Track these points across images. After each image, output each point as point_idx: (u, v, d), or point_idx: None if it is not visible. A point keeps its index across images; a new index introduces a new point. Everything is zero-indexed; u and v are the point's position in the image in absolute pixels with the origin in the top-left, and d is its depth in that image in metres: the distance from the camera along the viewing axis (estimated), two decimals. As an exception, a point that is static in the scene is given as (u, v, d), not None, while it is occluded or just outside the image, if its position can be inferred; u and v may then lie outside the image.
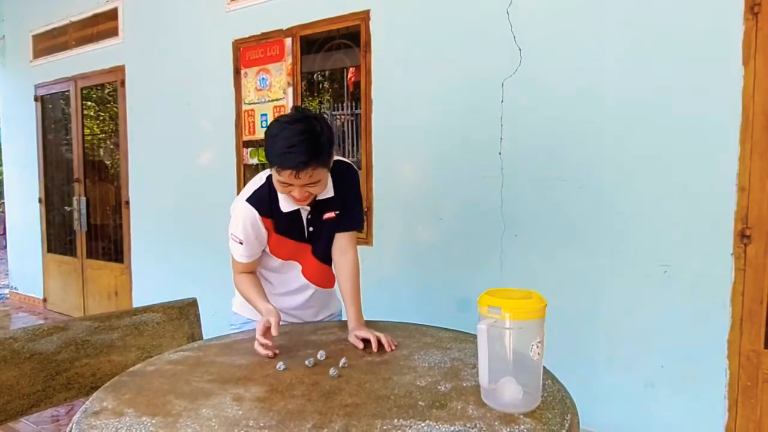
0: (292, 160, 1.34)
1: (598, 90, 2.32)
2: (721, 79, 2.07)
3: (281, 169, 1.37)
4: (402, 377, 1.25)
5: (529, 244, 2.53)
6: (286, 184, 1.41)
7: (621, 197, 2.30)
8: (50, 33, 5.00)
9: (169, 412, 1.06)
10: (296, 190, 1.41)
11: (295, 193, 1.42)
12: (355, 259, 1.64)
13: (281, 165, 1.36)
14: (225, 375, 1.27)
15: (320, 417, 1.04)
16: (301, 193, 1.42)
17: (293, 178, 1.37)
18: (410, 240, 2.93)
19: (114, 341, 1.81)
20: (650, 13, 2.20)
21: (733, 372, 2.11)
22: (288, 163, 1.35)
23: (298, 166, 1.35)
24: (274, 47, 3.35)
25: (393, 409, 1.08)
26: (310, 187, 1.43)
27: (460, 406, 1.09)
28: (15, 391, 1.57)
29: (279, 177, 1.40)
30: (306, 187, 1.41)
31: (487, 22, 2.57)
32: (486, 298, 1.08)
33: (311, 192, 1.44)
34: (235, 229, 1.53)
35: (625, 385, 2.33)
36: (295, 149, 1.33)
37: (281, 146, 1.35)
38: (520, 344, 1.07)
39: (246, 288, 1.55)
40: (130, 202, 4.47)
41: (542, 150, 2.47)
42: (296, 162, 1.34)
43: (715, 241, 2.11)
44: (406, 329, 1.65)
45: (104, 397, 1.14)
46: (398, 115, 2.92)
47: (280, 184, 1.42)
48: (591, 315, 2.40)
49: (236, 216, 1.53)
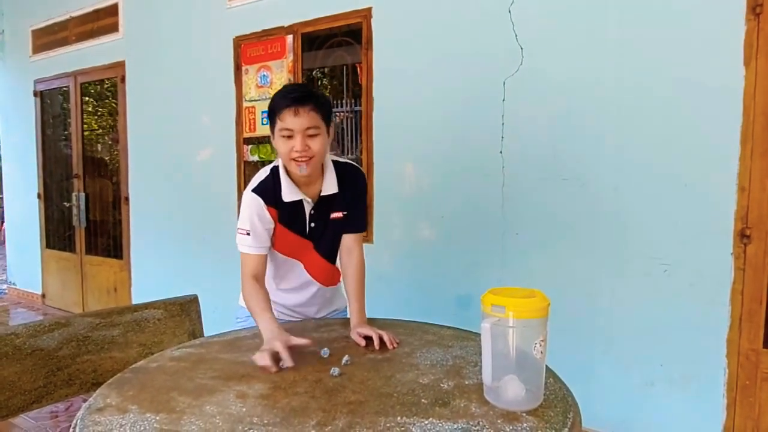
0: (289, 98, 1.42)
1: (599, 89, 2.33)
2: (722, 79, 2.08)
3: (281, 109, 1.42)
4: (404, 375, 1.25)
5: (529, 243, 2.54)
6: (287, 133, 1.44)
7: (621, 196, 2.30)
8: (50, 28, 4.99)
9: (173, 408, 1.07)
10: (298, 139, 1.43)
11: (297, 145, 1.43)
12: (360, 258, 1.66)
13: (281, 105, 1.42)
14: (228, 372, 1.27)
15: (324, 414, 1.04)
16: (302, 144, 1.43)
17: (293, 116, 1.41)
18: (411, 238, 2.93)
19: (115, 338, 1.81)
20: (651, 13, 2.20)
21: (732, 371, 2.12)
22: (286, 101, 1.42)
23: (296, 100, 1.41)
24: (275, 44, 3.35)
25: (396, 406, 1.08)
26: (310, 138, 1.44)
27: (462, 404, 1.09)
28: (16, 387, 1.57)
29: (281, 124, 1.43)
30: (307, 137, 1.44)
31: (488, 21, 2.57)
32: (489, 297, 1.08)
33: (311, 147, 1.45)
34: (242, 222, 1.53)
35: (625, 384, 2.34)
36: (294, 90, 1.45)
37: (281, 93, 1.46)
38: (523, 343, 1.07)
39: (253, 299, 1.49)
40: (130, 198, 4.47)
41: (543, 149, 2.47)
42: (295, 97, 1.41)
43: (715, 240, 2.12)
44: (408, 327, 1.65)
45: (108, 394, 1.15)
46: (399, 112, 2.92)
47: (281, 137, 1.45)
48: (591, 313, 2.41)
49: (243, 207, 1.54)
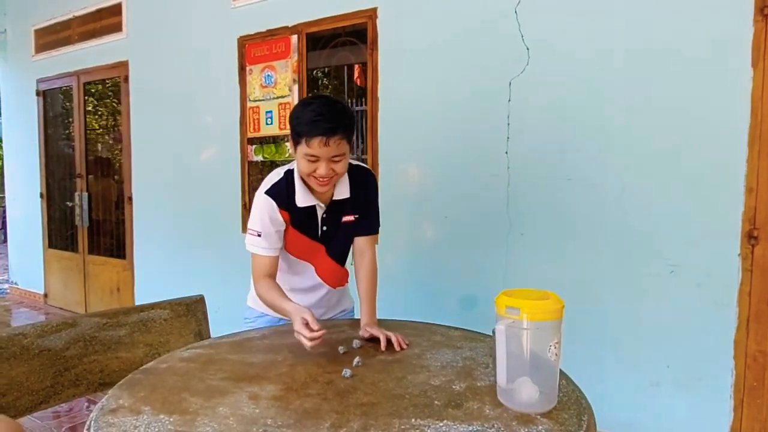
0: (321, 127, 1.38)
1: (606, 89, 2.32)
2: (729, 80, 2.08)
3: (310, 137, 1.39)
4: (415, 376, 1.25)
5: (534, 243, 2.54)
6: (312, 159, 1.42)
7: (628, 197, 2.30)
8: (53, 28, 4.98)
9: (186, 410, 1.06)
10: (322, 165, 1.42)
11: (321, 171, 1.42)
12: (373, 260, 1.67)
13: (310, 133, 1.39)
14: (238, 373, 1.27)
15: (337, 416, 1.04)
16: (326, 170, 1.42)
17: (322, 146, 1.39)
18: (415, 238, 2.93)
19: (122, 338, 1.80)
20: (659, 14, 2.20)
21: (739, 372, 2.12)
22: (317, 130, 1.38)
23: (327, 132, 1.38)
24: (279, 44, 3.34)
25: (409, 408, 1.08)
26: (334, 163, 1.44)
27: (476, 406, 1.09)
28: (24, 388, 1.56)
29: (307, 149, 1.41)
30: (332, 162, 1.43)
31: (495, 21, 2.57)
32: (504, 299, 1.08)
33: (335, 170, 1.45)
34: (253, 223, 1.53)
35: (631, 385, 2.34)
36: (324, 117, 1.38)
37: (309, 116, 1.39)
38: (538, 345, 1.07)
39: (269, 293, 1.52)
40: (133, 198, 4.46)
41: (549, 149, 2.47)
42: (325, 128, 1.38)
43: (722, 241, 2.12)
44: (416, 328, 1.65)
45: (120, 395, 1.14)
46: (404, 113, 2.91)
47: (306, 160, 1.43)
48: (597, 314, 2.40)
49: (254, 209, 1.54)
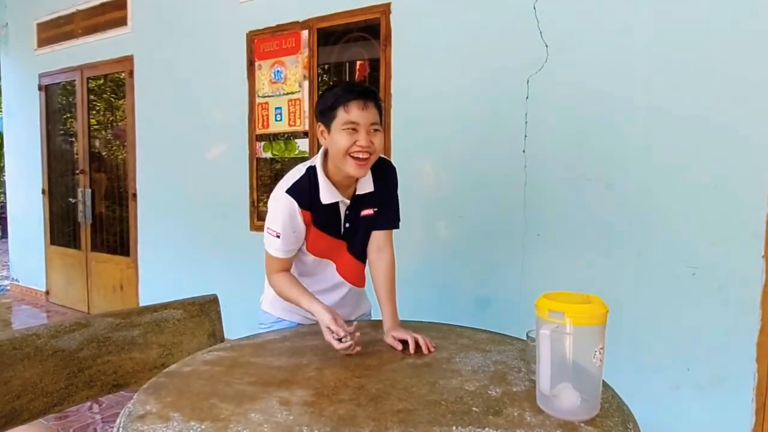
0: (356, 91, 1.40)
1: (627, 88, 2.28)
2: (755, 78, 2.03)
3: (347, 102, 1.38)
4: (448, 381, 1.21)
5: (551, 244, 2.50)
6: (352, 127, 1.39)
7: (648, 197, 2.26)
8: (55, 21, 4.92)
9: (217, 416, 1.02)
10: (362, 134, 1.40)
11: (362, 140, 1.39)
12: (391, 258, 1.61)
13: (347, 97, 1.39)
14: (265, 377, 1.23)
15: (375, 423, 1.00)
16: (366, 140, 1.40)
17: (361, 110, 1.39)
18: (429, 238, 2.89)
19: (135, 338, 1.76)
20: (683, 10, 2.15)
21: (762, 375, 2.09)
22: (354, 94, 1.39)
23: (363, 94, 1.39)
24: (289, 39, 3.29)
25: (447, 415, 1.04)
26: (373, 135, 1.42)
27: (516, 413, 1.05)
28: (38, 389, 1.53)
29: (346, 116, 1.39)
30: (370, 133, 1.41)
31: (513, 17, 2.53)
32: (546, 302, 1.04)
33: (374, 143, 1.42)
34: (273, 222, 1.47)
35: (651, 387, 2.30)
36: (356, 85, 1.45)
37: (341, 87, 1.42)
38: (581, 350, 1.04)
39: (287, 288, 1.49)
40: (138, 194, 4.41)
41: (567, 148, 2.43)
42: (360, 90, 1.40)
43: (745, 242, 2.08)
44: (440, 330, 1.61)
45: (146, 400, 1.10)
46: (418, 110, 2.87)
47: (345, 132, 1.40)
48: (616, 317, 2.35)
49: (274, 208, 1.47)
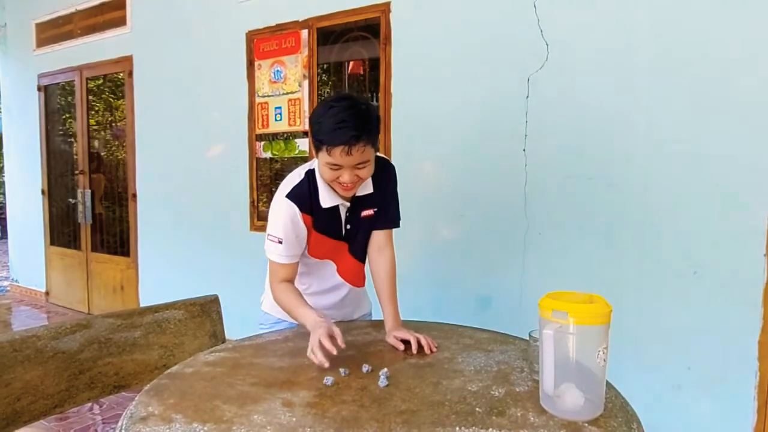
0: (343, 135, 1.30)
1: (628, 87, 2.28)
2: (756, 77, 2.03)
3: (332, 146, 1.32)
4: (451, 382, 1.21)
5: (552, 243, 2.50)
6: (335, 168, 1.36)
7: (650, 196, 2.26)
8: (54, 21, 4.91)
9: (220, 418, 1.02)
10: (346, 172, 1.36)
11: (345, 178, 1.37)
12: (392, 257, 1.61)
13: (332, 142, 1.32)
14: (268, 378, 1.23)
15: (378, 425, 1.00)
16: (350, 177, 1.37)
17: (344, 156, 1.32)
18: (430, 237, 2.88)
19: (136, 339, 1.76)
20: (686, 10, 2.15)
21: (764, 374, 2.09)
22: (339, 139, 1.31)
23: (349, 140, 1.30)
24: (289, 39, 3.29)
25: (451, 416, 1.04)
26: (359, 170, 1.38)
27: (519, 413, 1.05)
28: (39, 391, 1.52)
29: (329, 158, 1.35)
30: (356, 169, 1.37)
31: (513, 16, 2.52)
32: (549, 302, 1.04)
33: (360, 176, 1.39)
34: (274, 229, 1.46)
35: (652, 387, 2.30)
36: (345, 124, 1.30)
37: (330, 123, 1.32)
38: (585, 350, 1.03)
39: (287, 299, 1.47)
40: (138, 194, 4.40)
41: (568, 147, 2.42)
42: (348, 136, 1.30)
43: (746, 241, 2.08)
44: (442, 329, 1.61)
45: (148, 402, 1.10)
46: (418, 109, 2.87)
47: (328, 168, 1.37)
48: (617, 316, 2.34)
49: (275, 214, 1.46)
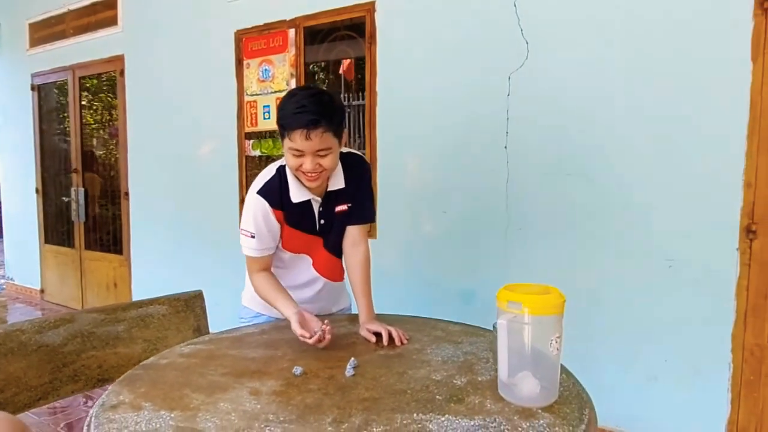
0: (302, 119, 1.33)
1: (606, 84, 2.32)
2: (729, 74, 2.07)
3: (291, 130, 1.36)
4: (417, 371, 1.25)
5: (533, 238, 2.54)
6: (297, 153, 1.39)
7: (627, 192, 2.30)
8: (47, 21, 4.94)
9: (187, 405, 1.06)
10: (308, 159, 1.38)
11: (307, 165, 1.39)
12: (366, 252, 1.64)
13: (291, 125, 1.35)
14: (239, 368, 1.27)
15: (339, 411, 1.04)
16: (312, 165, 1.39)
17: (304, 140, 1.35)
18: (414, 233, 2.93)
19: (120, 333, 1.80)
20: (658, 8, 2.19)
21: (737, 366, 2.13)
22: (299, 122, 1.34)
23: (308, 123, 1.33)
24: (277, 38, 3.32)
25: (411, 403, 1.08)
26: (320, 158, 1.39)
27: (477, 400, 1.09)
28: (23, 384, 1.56)
29: (290, 143, 1.38)
30: (317, 157, 1.39)
31: (494, 15, 2.56)
32: (505, 294, 1.08)
33: (322, 165, 1.41)
34: (246, 224, 1.50)
35: (629, 379, 2.35)
36: (305, 108, 1.34)
37: (291, 108, 1.36)
38: (539, 339, 1.07)
39: (265, 289, 1.50)
40: (130, 193, 4.44)
41: (548, 144, 2.46)
42: (307, 120, 1.33)
43: (720, 236, 2.12)
44: (416, 323, 1.65)
45: (120, 391, 1.14)
46: (402, 107, 2.90)
47: (291, 155, 1.40)
48: (595, 309, 2.41)
49: (247, 210, 1.50)
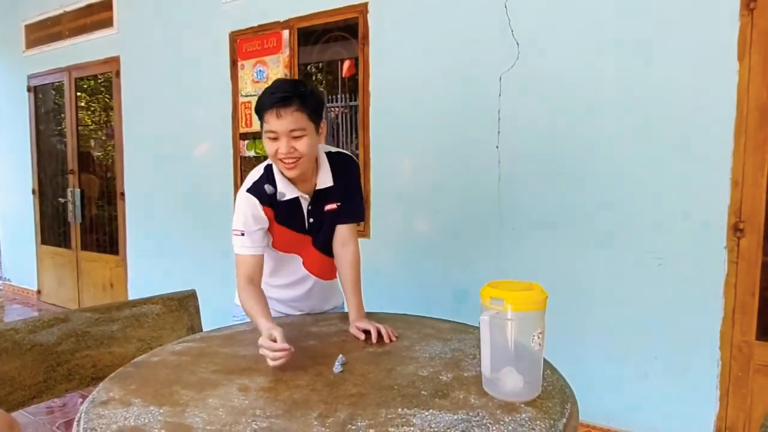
0: (274, 97, 1.38)
1: (596, 84, 2.34)
2: (716, 74, 2.10)
3: (265, 111, 1.40)
4: (404, 368, 1.27)
5: (525, 237, 2.56)
6: (272, 136, 1.42)
7: (617, 191, 2.33)
8: (43, 23, 4.95)
9: (177, 401, 1.08)
10: (282, 142, 1.40)
11: (282, 148, 1.41)
12: (355, 251, 1.66)
13: (264, 106, 1.40)
14: (229, 365, 1.28)
15: (326, 406, 1.06)
16: (287, 147, 1.40)
17: (276, 119, 1.38)
18: (407, 232, 2.95)
19: (114, 333, 1.81)
20: (647, 9, 2.21)
21: (725, 363, 2.15)
22: (270, 101, 1.38)
23: (279, 100, 1.37)
24: (271, 39, 3.34)
25: (397, 398, 1.10)
26: (295, 140, 1.41)
27: (462, 395, 1.11)
28: (17, 383, 1.57)
29: (266, 126, 1.42)
30: (292, 139, 1.41)
31: (485, 16, 2.58)
32: (488, 290, 1.10)
33: (297, 148, 1.42)
34: (236, 223, 1.51)
35: (619, 376, 2.37)
36: (278, 88, 1.40)
37: (266, 92, 1.42)
38: (522, 335, 1.09)
39: (249, 302, 1.47)
40: (125, 193, 4.46)
41: (539, 144, 2.49)
42: (278, 98, 1.37)
43: (708, 234, 2.15)
44: (406, 320, 1.67)
45: (111, 387, 1.16)
46: (395, 107, 2.93)
47: (267, 138, 1.44)
48: (586, 307, 2.43)
49: (237, 208, 1.52)
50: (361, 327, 1.49)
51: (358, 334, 1.49)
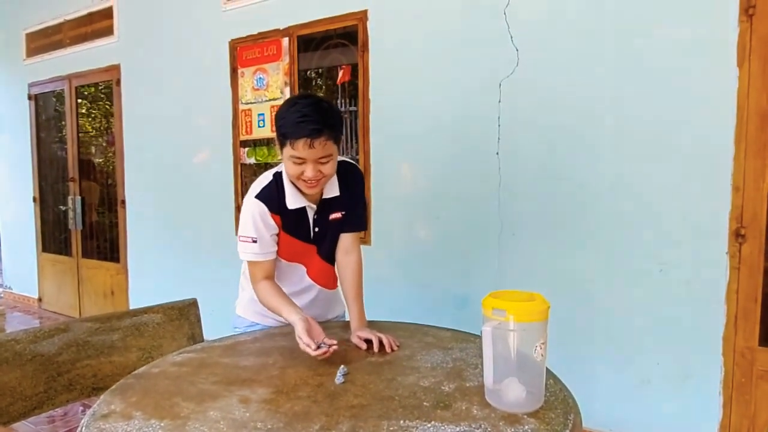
0: (305, 128, 1.35)
1: (595, 90, 2.34)
2: (716, 80, 2.10)
3: (295, 140, 1.37)
4: (405, 378, 1.26)
5: (526, 243, 2.56)
6: (299, 161, 1.40)
7: (618, 197, 2.32)
8: (44, 31, 4.97)
9: (177, 414, 1.07)
10: (309, 167, 1.40)
11: (308, 173, 1.40)
12: (358, 259, 1.66)
13: (295, 135, 1.36)
14: (230, 376, 1.28)
15: (327, 419, 1.05)
16: (313, 172, 1.40)
17: (307, 149, 1.37)
18: (408, 239, 2.94)
19: (115, 342, 1.81)
20: (647, 16, 2.22)
21: (728, 369, 2.15)
22: (302, 132, 1.35)
23: (312, 133, 1.35)
24: (271, 47, 3.35)
25: (398, 409, 1.09)
26: (322, 165, 1.41)
27: (464, 407, 1.10)
28: (17, 393, 1.57)
29: (292, 152, 1.39)
30: (319, 164, 1.41)
31: (484, 23, 2.59)
32: (490, 301, 1.09)
33: (323, 172, 1.42)
34: (245, 229, 1.50)
35: (621, 383, 2.36)
36: (308, 117, 1.35)
37: (293, 117, 1.37)
38: (524, 345, 1.09)
39: (269, 297, 1.49)
40: (126, 201, 4.46)
41: (540, 150, 2.49)
42: (310, 129, 1.35)
43: (710, 240, 2.14)
44: (407, 329, 1.66)
45: (111, 400, 1.15)
46: (395, 114, 2.93)
47: (292, 163, 1.41)
48: (587, 313, 2.43)
49: (245, 215, 1.51)
50: (363, 336, 1.49)
51: (360, 343, 1.49)
